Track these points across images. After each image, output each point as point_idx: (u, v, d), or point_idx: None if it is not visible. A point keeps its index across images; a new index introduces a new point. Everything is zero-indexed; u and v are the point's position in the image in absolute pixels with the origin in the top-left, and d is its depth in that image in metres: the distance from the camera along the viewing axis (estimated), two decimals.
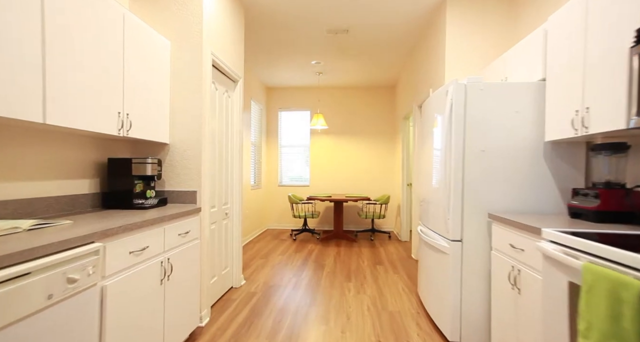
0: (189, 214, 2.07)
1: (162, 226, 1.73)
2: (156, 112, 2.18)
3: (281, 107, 6.43)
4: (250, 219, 5.37)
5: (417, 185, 4.20)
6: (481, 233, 2.00)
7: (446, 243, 2.09)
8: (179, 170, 2.37)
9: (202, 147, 2.39)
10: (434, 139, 2.42)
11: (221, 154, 2.86)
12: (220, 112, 2.82)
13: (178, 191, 2.36)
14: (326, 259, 4.21)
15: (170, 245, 1.81)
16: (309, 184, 6.39)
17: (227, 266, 3.01)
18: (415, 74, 4.30)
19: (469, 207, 2.01)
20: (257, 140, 5.89)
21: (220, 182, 2.83)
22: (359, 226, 6.30)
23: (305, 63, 4.96)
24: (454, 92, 2.02)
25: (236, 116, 3.14)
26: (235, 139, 3.14)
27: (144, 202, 2.07)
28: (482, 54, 2.92)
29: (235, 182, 3.13)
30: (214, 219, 2.69)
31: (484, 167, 2.00)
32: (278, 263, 4.00)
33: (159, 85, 2.21)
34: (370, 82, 5.99)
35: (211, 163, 2.64)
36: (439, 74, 3.18)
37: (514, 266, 1.63)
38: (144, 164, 2.02)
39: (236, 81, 3.14)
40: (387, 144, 6.29)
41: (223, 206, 2.91)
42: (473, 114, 2.00)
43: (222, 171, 2.89)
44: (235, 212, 3.14)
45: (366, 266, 3.89)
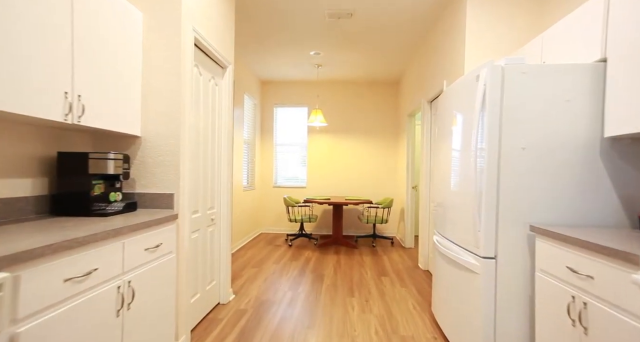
0: (161, 223, 1.67)
1: (121, 240, 1.34)
2: (123, 97, 1.78)
3: (277, 102, 6.04)
4: (242, 223, 4.97)
5: (425, 188, 3.83)
6: (519, 249, 1.63)
7: (475, 260, 1.71)
8: (153, 168, 1.98)
9: (182, 141, 2.00)
10: (453, 136, 2.05)
11: (207, 151, 2.47)
12: (205, 102, 2.43)
13: (151, 194, 1.96)
14: (325, 268, 3.83)
15: (132, 264, 1.41)
16: (306, 186, 6.00)
17: (213, 280, 2.62)
18: (426, 65, 3.94)
19: (505, 218, 1.64)
20: (251, 137, 5.49)
21: (205, 183, 2.44)
22: (359, 231, 5.92)
23: (303, 54, 4.58)
24: (488, 77, 1.65)
25: (225, 107, 2.75)
26: (224, 133, 2.74)
27: (107, 208, 1.67)
28: (510, 38, 2.56)
29: (223, 183, 2.73)
30: (196, 227, 2.30)
31: (524, 169, 1.63)
32: (272, 273, 3.60)
33: (127, 65, 1.81)
34: (372, 77, 5.63)
35: (194, 160, 2.25)
36: (457, 63, 2.81)
37: (575, 296, 1.26)
38: (105, 161, 1.62)
39: (225, 67, 2.75)
40: (390, 144, 5.92)
41: (208, 211, 2.52)
42: (512, 104, 1.63)
43: (208, 170, 2.50)
44: (224, 218, 2.74)
45: (370, 278, 3.51)
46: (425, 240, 3.83)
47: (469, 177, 1.81)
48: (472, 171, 1.72)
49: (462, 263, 1.85)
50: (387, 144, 5.92)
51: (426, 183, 3.85)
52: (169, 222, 1.79)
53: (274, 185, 6.04)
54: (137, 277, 1.44)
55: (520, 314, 1.63)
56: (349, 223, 5.93)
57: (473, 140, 1.70)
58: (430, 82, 3.71)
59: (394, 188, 5.90)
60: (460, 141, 1.94)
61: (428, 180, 3.84)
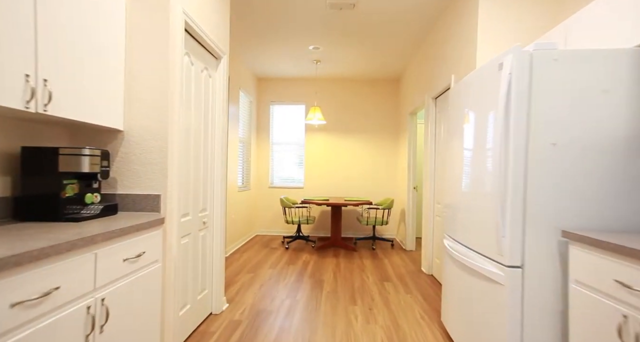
0: (144, 229, 1.47)
1: (92, 251, 1.13)
2: (102, 86, 1.57)
3: (273, 100, 5.83)
4: (236, 224, 4.76)
5: (429, 188, 3.65)
6: (549, 257, 1.45)
7: (499, 269, 1.53)
8: (138, 166, 1.77)
9: (171, 136, 1.79)
10: (467, 133, 1.87)
11: (198, 148, 2.26)
12: (198, 94, 2.22)
13: (135, 195, 1.75)
14: (324, 273, 3.63)
15: (107, 278, 1.21)
16: (303, 186, 5.80)
17: (205, 288, 2.41)
18: (430, 60, 3.76)
19: (534, 222, 1.46)
20: (246, 136, 5.28)
21: (196, 184, 2.23)
22: (358, 232, 5.73)
23: (301, 49, 4.39)
24: (514, 64, 1.46)
25: (219, 101, 2.54)
26: (218, 129, 2.54)
27: (81, 211, 1.46)
28: (526, 27, 2.39)
29: (217, 184, 2.53)
30: (186, 231, 2.09)
31: (554, 167, 1.45)
32: (268, 279, 3.40)
33: (106, 49, 1.60)
34: (372, 74, 5.45)
35: (184, 158, 2.04)
36: (467, 56, 2.64)
37: (629, 316, 1.07)
38: (78, 157, 1.41)
39: (219, 58, 2.54)
40: (390, 143, 5.74)
41: (200, 214, 2.31)
42: (541, 95, 1.45)
43: (200, 168, 2.29)
44: (217, 221, 2.53)
45: (372, 283, 3.33)
46: (429, 243, 3.66)
47: (489, 177, 1.62)
48: (494, 170, 1.53)
49: (481, 272, 1.67)
50: (387, 143, 5.74)
51: (430, 183, 3.68)
52: (154, 227, 1.58)
53: (270, 185, 5.83)
54: (113, 293, 1.23)
55: (550, 331, 1.45)
56: (347, 225, 5.75)
57: (496, 136, 1.52)
58: (435, 77, 3.53)
59: (394, 188, 5.72)
60: (478, 138, 1.76)
61: (432, 180, 3.67)
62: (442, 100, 3.42)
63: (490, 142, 1.64)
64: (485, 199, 1.66)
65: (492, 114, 1.62)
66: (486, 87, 1.69)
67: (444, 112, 3.36)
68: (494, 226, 1.58)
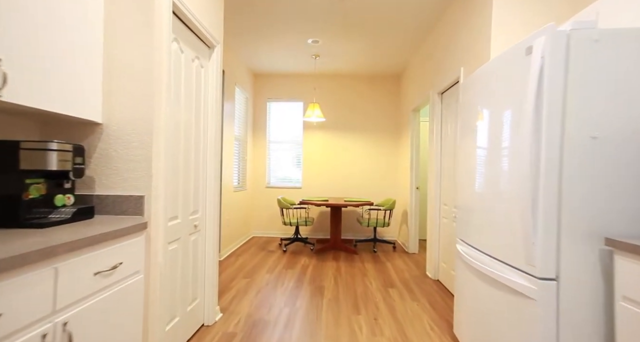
0: (122, 235, 1.26)
1: (52, 265, 0.93)
2: (75, 71, 1.37)
3: (270, 97, 5.63)
4: (232, 226, 4.55)
5: (434, 188, 3.47)
6: (589, 268, 1.27)
7: (529, 282, 1.35)
8: (119, 164, 1.56)
9: (157, 130, 1.59)
10: (484, 128, 1.69)
11: (189, 144, 2.06)
12: (188, 85, 2.02)
13: (116, 196, 1.54)
14: (325, 278, 3.43)
15: (71, 297, 1.01)
16: (301, 186, 5.61)
17: (197, 298, 2.21)
18: (436, 53, 3.58)
19: (570, 227, 1.28)
20: (242, 134, 5.07)
21: (187, 184, 2.03)
22: (358, 234, 5.55)
23: (300, 43, 4.19)
24: (547, 47, 1.28)
25: (213, 94, 2.34)
26: (211, 124, 2.34)
27: (49, 215, 1.26)
28: (547, 13, 2.21)
29: (210, 184, 2.33)
30: (175, 236, 1.89)
31: (594, 165, 1.27)
32: (265, 285, 3.20)
33: (80, 28, 1.40)
34: (373, 69, 5.26)
35: (172, 156, 1.84)
36: (479, 47, 2.45)
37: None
38: (44, 152, 1.20)
39: (212, 47, 2.34)
40: (391, 141, 5.56)
41: (191, 216, 2.11)
42: (579, 82, 1.27)
43: (191, 167, 2.09)
44: (210, 224, 2.33)
45: (375, 290, 3.14)
46: (435, 246, 3.48)
47: (515, 176, 1.44)
48: (522, 169, 1.35)
49: (504, 282, 1.48)
50: (388, 142, 5.56)
51: (436, 183, 3.49)
52: (135, 233, 1.38)
53: (267, 185, 5.63)
54: (79, 315, 1.03)
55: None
56: (347, 226, 5.56)
57: (524, 131, 1.34)
58: (441, 71, 3.35)
59: (395, 188, 5.54)
60: (499, 134, 1.57)
61: (438, 180, 3.49)
62: (449, 96, 3.24)
63: (515, 138, 1.45)
64: (510, 201, 1.48)
65: (518, 105, 1.43)
66: (509, 75, 1.50)
67: (451, 108, 3.18)
68: (520, 231, 1.40)
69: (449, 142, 3.22)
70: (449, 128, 3.23)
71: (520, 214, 1.40)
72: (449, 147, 3.21)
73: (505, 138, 1.53)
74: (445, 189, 3.31)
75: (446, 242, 3.23)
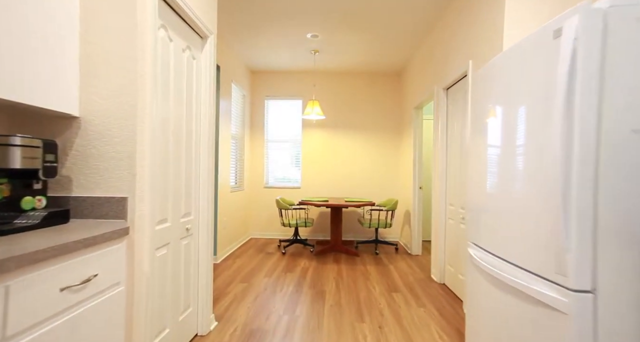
0: (98, 243, 1.11)
1: (2, 282, 0.77)
2: (46, 58, 1.21)
3: (268, 94, 5.47)
4: (229, 228, 4.39)
5: (439, 188, 3.32)
6: (634, 279, 1.12)
7: (559, 294, 1.19)
8: (99, 162, 1.40)
9: (141, 126, 1.43)
10: (499, 124, 1.54)
11: (180, 142, 1.90)
12: (178, 77, 1.86)
13: (95, 198, 1.39)
14: (325, 282, 3.28)
15: (28, 320, 0.85)
16: (300, 186, 5.45)
17: (189, 306, 2.05)
18: (442, 46, 3.43)
19: (609, 232, 1.13)
20: (239, 132, 4.91)
21: (177, 184, 1.87)
22: (359, 235, 5.39)
23: (299, 37, 4.03)
24: (580, 28, 1.13)
25: (206, 88, 2.18)
26: (204, 121, 2.18)
27: (15, 220, 1.10)
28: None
29: (204, 184, 2.17)
30: (164, 240, 1.73)
31: (637, 160, 1.12)
32: (263, 290, 3.04)
33: (52, 11, 1.23)
34: (374, 66, 5.11)
35: (161, 154, 1.68)
36: (490, 36, 2.30)
37: None
38: (6, 148, 1.04)
39: (205, 37, 2.18)
40: (392, 140, 5.41)
41: (182, 219, 1.95)
42: (620, 67, 1.12)
43: (182, 167, 1.93)
44: (204, 227, 2.17)
45: (379, 294, 2.98)
46: (440, 248, 3.33)
47: (542, 174, 1.29)
48: (553, 166, 1.20)
49: (528, 293, 1.33)
50: (390, 140, 5.41)
51: (441, 183, 3.34)
52: (114, 239, 1.22)
53: (265, 185, 5.47)
54: (39, 340, 0.87)
55: None
56: (347, 227, 5.40)
57: (553, 123, 1.18)
58: (447, 65, 3.20)
59: (397, 188, 5.39)
60: (519, 128, 1.42)
61: (444, 179, 3.34)
62: (456, 91, 3.09)
63: (542, 132, 1.30)
64: (535, 202, 1.32)
65: (545, 96, 1.28)
66: (533, 62, 1.35)
67: (458, 103, 3.03)
68: (549, 235, 1.24)
69: (456, 140, 3.07)
70: (456, 125, 3.08)
71: (550, 217, 1.25)
72: (456, 145, 3.06)
73: (527, 133, 1.38)
74: (452, 188, 3.16)
75: (452, 244, 3.08)
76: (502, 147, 1.56)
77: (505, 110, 1.55)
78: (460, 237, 2.92)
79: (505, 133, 1.54)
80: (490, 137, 1.69)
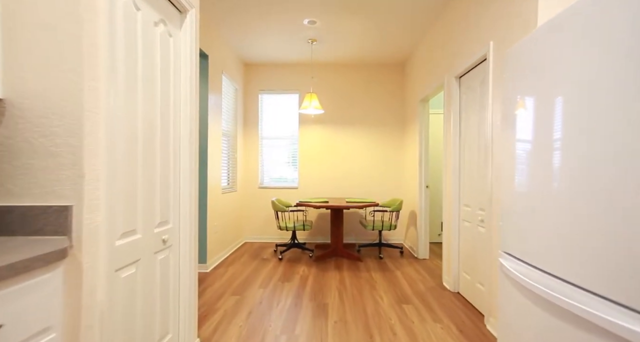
0: (8, 278, 0.76)
1: None
2: None
3: (263, 88, 5.12)
4: (221, 232, 4.05)
5: (452, 187, 3.00)
6: None
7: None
8: (33, 160, 1.06)
9: (91, 113, 1.09)
10: (541, 111, 1.21)
11: (152, 139, 1.56)
12: (149, 55, 1.51)
13: (26, 208, 1.04)
14: (327, 293, 2.95)
15: None
16: (298, 186, 5.11)
17: (169, 332, 1.71)
18: (452, 30, 3.11)
19: None
20: (231, 129, 4.56)
21: (150, 189, 1.52)
22: (360, 238, 5.07)
23: (295, 24, 3.69)
24: None
25: (187, 73, 1.84)
26: (186, 112, 1.83)
27: None
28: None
29: (185, 188, 1.83)
30: (131, 257, 1.39)
31: None
32: (258, 303, 2.70)
33: None
34: (376, 57, 4.77)
35: (124, 151, 1.34)
36: (517, 12, 1.98)
37: None
38: None
39: (184, 11, 1.83)
40: (395, 135, 5.09)
41: (157, 230, 1.61)
42: None
43: (157, 168, 1.59)
44: (185, 236, 1.83)
45: (388, 307, 2.66)
46: (454, 254, 3.01)
47: (633, 171, 0.96)
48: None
49: (601, 325, 1.01)
50: (393, 136, 5.09)
51: (454, 181, 3.03)
52: (42, 268, 0.88)
53: (260, 185, 5.12)
54: None
55: None
56: (348, 229, 5.08)
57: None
58: (461, 50, 2.88)
59: (401, 187, 5.07)
60: (589, 110, 1.10)
61: (457, 177, 3.02)
62: (471, 78, 2.77)
63: (627, 114, 0.97)
64: (620, 207, 1.00)
65: (633, 66, 0.95)
66: (610, 25, 1.02)
67: (474, 92, 2.71)
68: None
69: (472, 133, 2.75)
70: (472, 116, 2.76)
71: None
72: (472, 139, 2.74)
73: (605, 116, 1.05)
74: (467, 187, 2.84)
75: (468, 249, 2.77)
76: (563, 140, 1.23)
77: (564, 91, 1.22)
78: (478, 241, 2.60)
79: (564, 119, 1.21)
80: (535, 128, 1.36)
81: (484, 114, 2.54)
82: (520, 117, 1.48)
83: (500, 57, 2.21)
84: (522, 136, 1.46)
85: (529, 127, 1.41)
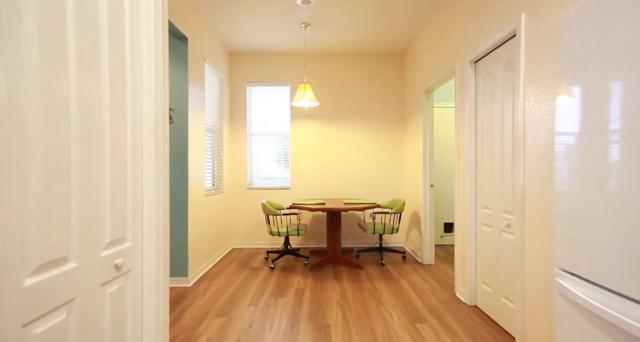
0: None
1: None
2: None
3: (250, 80, 4.68)
4: (205, 239, 3.61)
5: (467, 186, 2.64)
6: None
7: None
8: None
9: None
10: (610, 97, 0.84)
11: (98, 125, 1.12)
12: (88, 19, 1.07)
13: None
14: (328, 310, 2.56)
15: None
16: (290, 186, 4.70)
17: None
18: (468, 5, 2.73)
19: None
20: (216, 125, 4.11)
21: (95, 198, 1.09)
22: (359, 241, 4.69)
23: (287, 3, 3.26)
24: None
25: (148, 39, 1.41)
26: (149, 92, 1.40)
27: None
28: None
29: (152, 193, 1.40)
30: (56, 300, 0.96)
31: None
32: (248, 327, 2.29)
33: None
34: (374, 45, 4.38)
35: (42, 141, 0.90)
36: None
37: None
38: None
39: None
40: (395, 130, 4.72)
41: (107, 252, 1.18)
42: None
43: (105, 171, 1.15)
44: (149, 256, 1.41)
45: (400, 327, 2.28)
46: (470, 261, 2.65)
47: None
48: None
49: None
50: (393, 131, 4.71)
51: (470, 180, 2.66)
52: None
53: (249, 186, 4.69)
54: None
55: None
56: (345, 231, 4.69)
57: None
58: (478, 29, 2.51)
59: (402, 187, 4.71)
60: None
61: (472, 176, 2.65)
62: (489, 63, 2.41)
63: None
64: None
65: None
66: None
67: (494, 78, 2.35)
68: None
69: (491, 125, 2.39)
70: (493, 105, 2.39)
71: None
72: (492, 132, 2.38)
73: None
74: (486, 187, 2.48)
75: (489, 257, 2.41)
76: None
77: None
78: (503, 249, 2.24)
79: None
80: (611, 113, 0.98)
81: (509, 102, 2.18)
82: (586, 101, 1.10)
83: (536, 32, 1.85)
84: (589, 124, 1.08)
85: (598, 114, 1.03)
